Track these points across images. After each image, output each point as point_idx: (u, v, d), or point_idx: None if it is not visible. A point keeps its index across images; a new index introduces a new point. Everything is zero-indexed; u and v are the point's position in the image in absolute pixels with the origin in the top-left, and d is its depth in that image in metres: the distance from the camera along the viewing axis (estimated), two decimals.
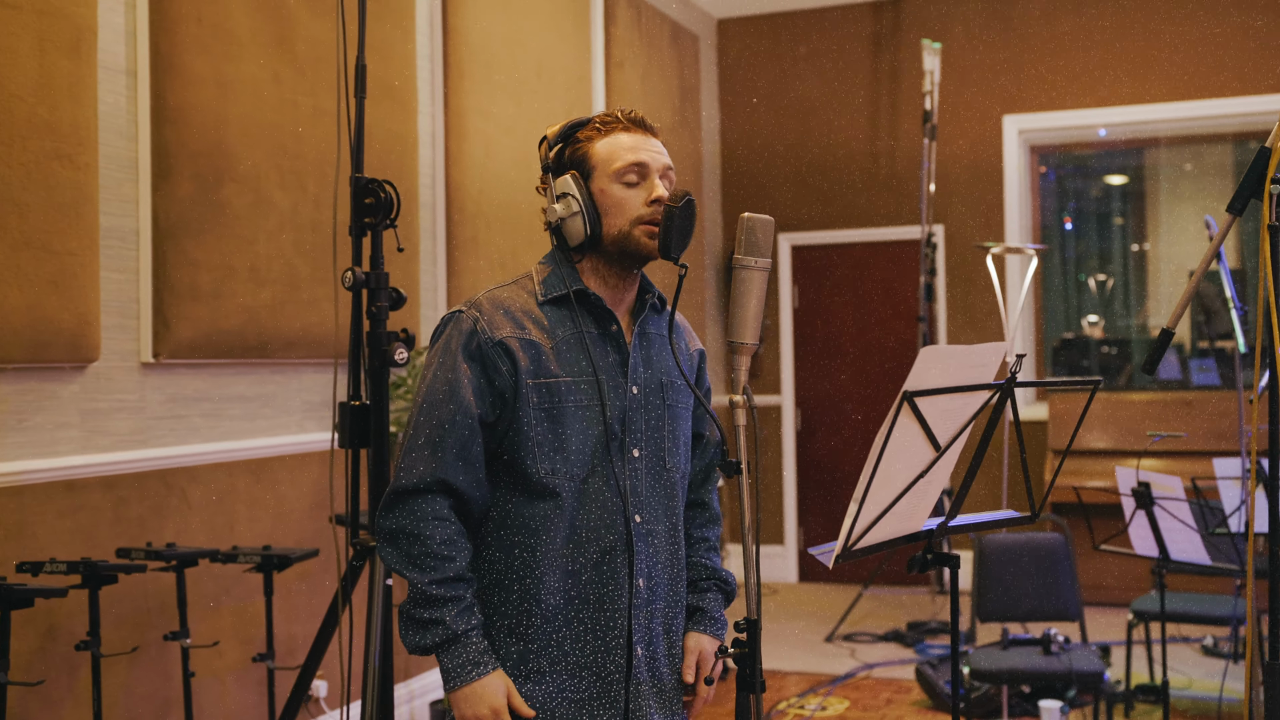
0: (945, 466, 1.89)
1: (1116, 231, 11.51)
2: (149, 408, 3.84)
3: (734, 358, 1.98)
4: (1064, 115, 7.76)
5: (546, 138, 2.22)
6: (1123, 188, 11.35)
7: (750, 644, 1.97)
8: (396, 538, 2.08)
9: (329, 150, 4.45)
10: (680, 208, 2.05)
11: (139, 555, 3.44)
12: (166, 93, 3.82)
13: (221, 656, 4.01)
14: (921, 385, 1.72)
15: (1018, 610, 4.59)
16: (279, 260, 4.22)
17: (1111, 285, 11.23)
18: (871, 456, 1.73)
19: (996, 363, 1.84)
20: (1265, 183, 2.03)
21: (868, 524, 1.77)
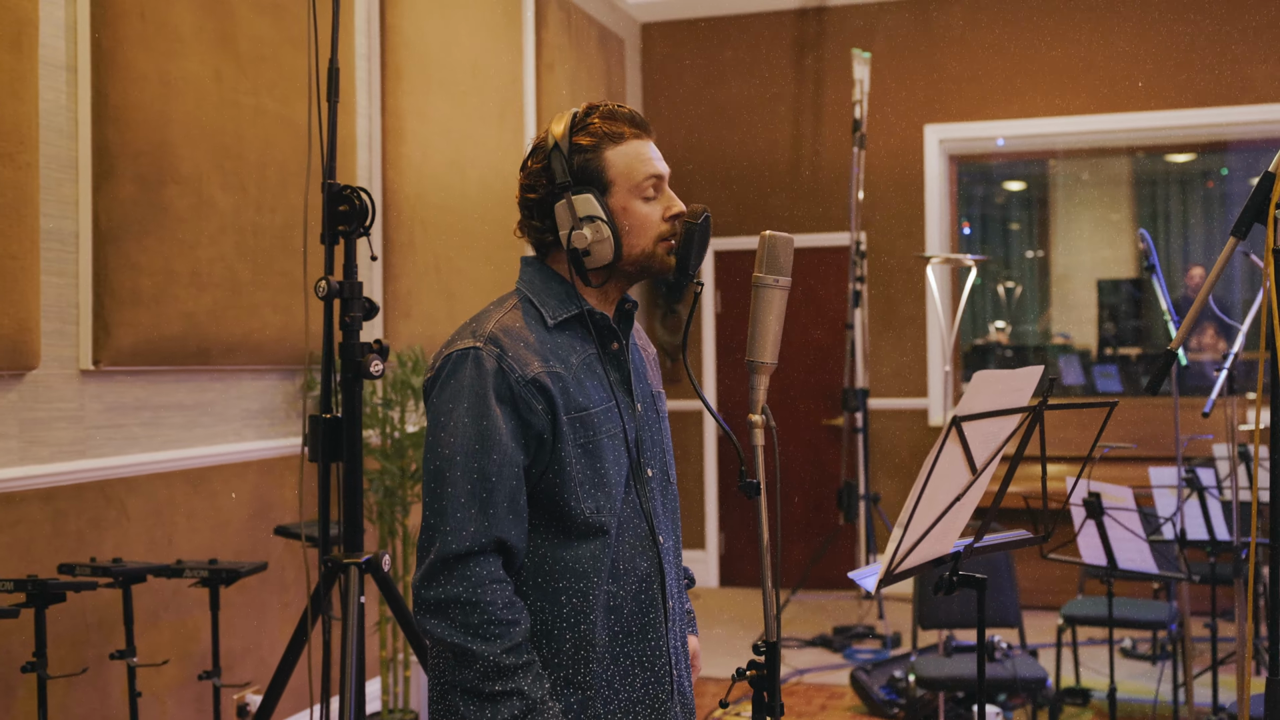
0: (980, 489, 1.89)
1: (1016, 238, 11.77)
2: (88, 417, 3.70)
3: (753, 377, 1.96)
4: (981, 126, 7.89)
5: (558, 146, 2.01)
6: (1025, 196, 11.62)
7: (769, 667, 1.95)
8: (448, 609, 1.86)
9: (270, 151, 4.35)
10: (700, 224, 2.01)
11: (84, 571, 3.30)
12: (108, 90, 3.68)
13: (164, 675, 3.88)
14: (970, 410, 1.72)
15: (958, 617, 4.65)
16: (220, 264, 4.10)
17: (1019, 292, 11.48)
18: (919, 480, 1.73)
19: (1032, 386, 1.85)
20: (1270, 208, 2.06)
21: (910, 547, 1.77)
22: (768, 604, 1.99)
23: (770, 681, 1.97)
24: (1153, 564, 3.80)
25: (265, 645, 4.41)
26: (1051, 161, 10.51)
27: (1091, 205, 11.62)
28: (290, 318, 4.43)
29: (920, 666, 4.41)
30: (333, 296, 2.74)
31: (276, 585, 4.48)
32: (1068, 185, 11.40)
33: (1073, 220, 11.64)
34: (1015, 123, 7.85)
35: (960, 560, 1.95)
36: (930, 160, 7.93)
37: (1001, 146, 8.19)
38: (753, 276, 1.97)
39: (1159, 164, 11.09)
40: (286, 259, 4.41)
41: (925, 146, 7.93)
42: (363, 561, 2.74)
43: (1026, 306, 11.69)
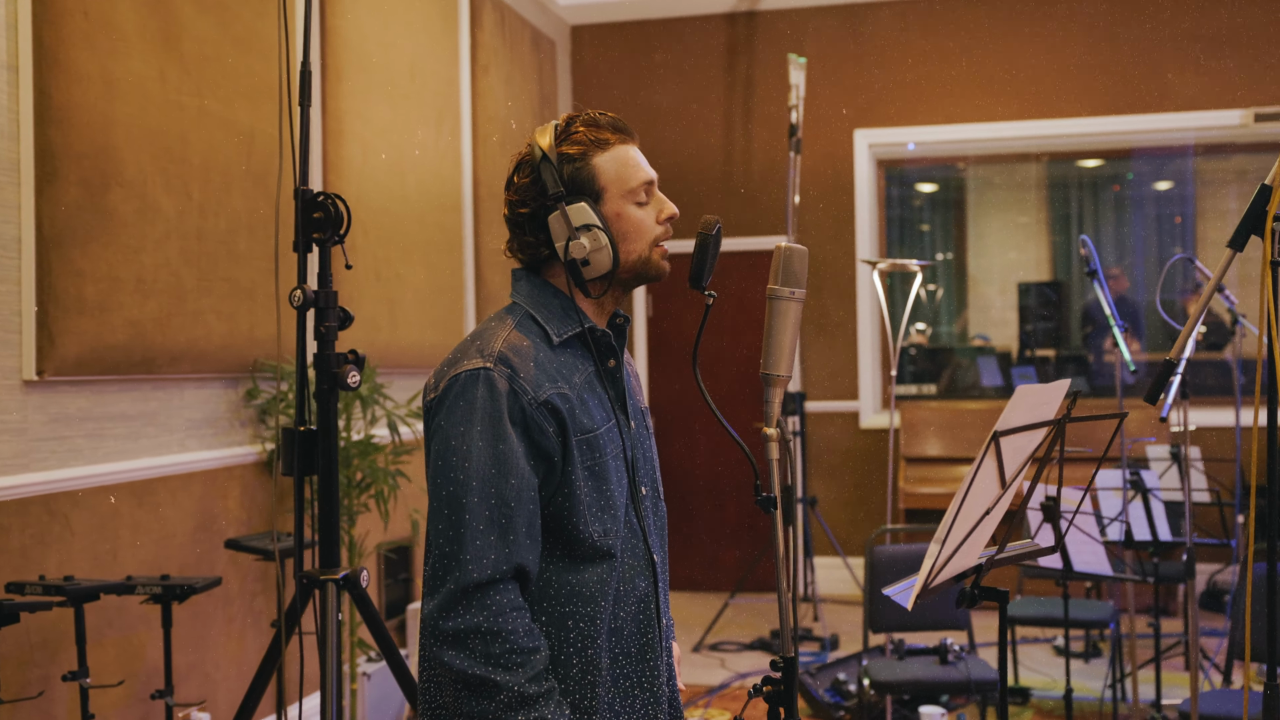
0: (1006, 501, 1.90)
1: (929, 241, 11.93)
2: (31, 429, 3.56)
3: (767, 390, 1.94)
4: (909, 131, 7.98)
5: (546, 157, 1.96)
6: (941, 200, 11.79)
7: (786, 682, 1.94)
8: (468, 639, 1.79)
9: (213, 155, 4.23)
10: (714, 235, 1.99)
11: (34, 590, 3.18)
12: (51, 90, 3.55)
13: (106, 694, 3.75)
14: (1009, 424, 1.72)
15: (909, 620, 4.68)
16: (165, 270, 3.98)
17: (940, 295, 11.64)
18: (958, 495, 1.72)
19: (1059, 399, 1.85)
20: (1267, 220, 2.10)
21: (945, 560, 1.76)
22: (784, 616, 1.97)
23: (788, 697, 1.96)
24: (1107, 566, 3.86)
25: (209, 661, 4.29)
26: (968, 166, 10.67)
27: (1004, 209, 11.83)
28: (234, 325, 4.32)
29: (874, 670, 4.44)
30: (308, 306, 2.67)
31: (221, 600, 4.36)
32: (981, 189, 11.60)
33: (986, 224, 11.85)
34: (938, 128, 7.95)
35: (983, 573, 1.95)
36: (860, 165, 8.00)
37: (912, 151, 8.29)
38: (767, 289, 1.95)
39: (1070, 169, 11.33)
40: (230, 265, 4.30)
41: (855, 151, 8.00)
42: (340, 577, 2.67)
43: (942, 309, 11.86)
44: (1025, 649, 6.36)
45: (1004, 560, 1.99)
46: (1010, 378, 9.74)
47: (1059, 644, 6.51)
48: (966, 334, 11.74)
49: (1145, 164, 10.69)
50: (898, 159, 8.61)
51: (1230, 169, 9.83)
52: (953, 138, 8.01)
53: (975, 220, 11.72)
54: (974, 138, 8.03)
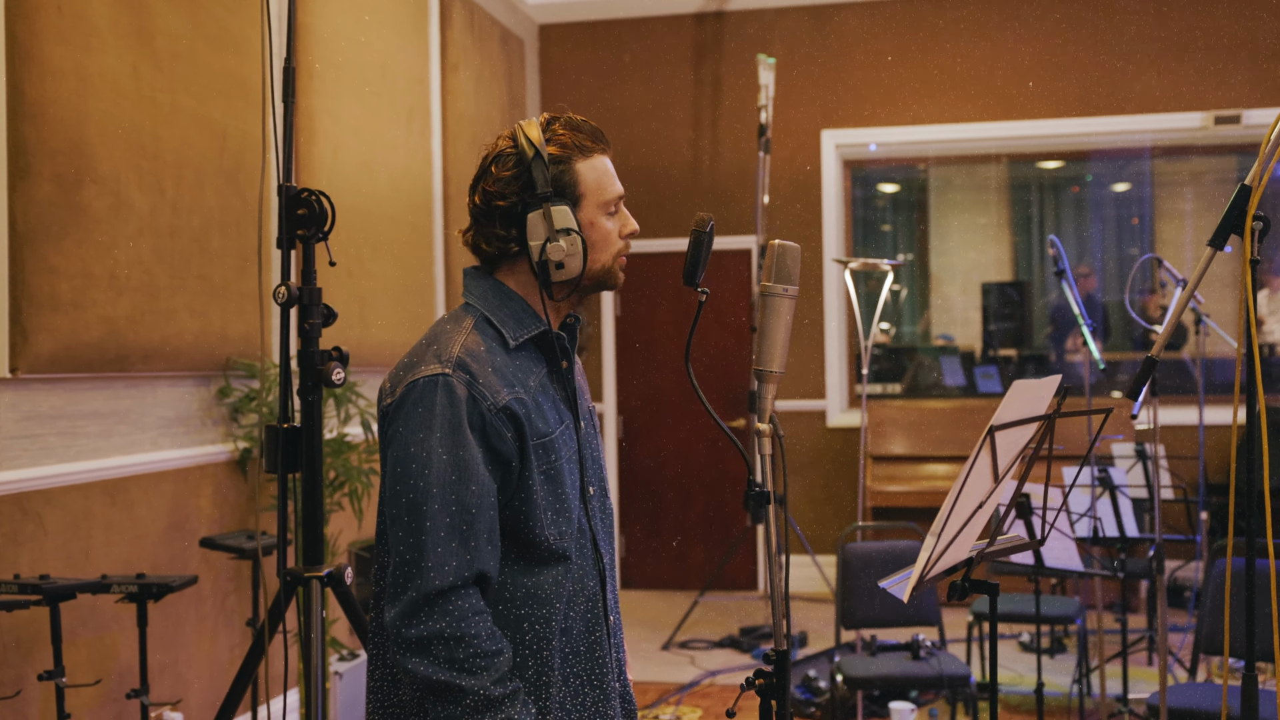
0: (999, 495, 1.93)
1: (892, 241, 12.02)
2: (4, 426, 3.53)
3: (761, 386, 1.96)
4: (873, 132, 8.04)
5: (540, 155, 1.95)
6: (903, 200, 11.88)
7: (779, 675, 1.96)
8: (431, 645, 1.79)
9: (187, 151, 4.21)
10: (707, 233, 2.01)
11: (10, 589, 3.16)
12: (24, 85, 3.53)
13: (79, 693, 3.72)
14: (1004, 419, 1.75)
15: (880, 616, 4.72)
16: (138, 267, 3.95)
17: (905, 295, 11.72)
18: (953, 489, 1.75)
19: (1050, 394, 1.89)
20: (1246, 219, 2.14)
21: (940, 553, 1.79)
22: (777, 611, 1.99)
23: (780, 690, 1.98)
24: (1079, 562, 3.91)
25: (182, 660, 4.27)
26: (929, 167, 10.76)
27: (965, 209, 11.94)
28: (207, 323, 4.29)
29: (847, 666, 4.47)
30: (291, 303, 2.66)
31: (194, 598, 4.33)
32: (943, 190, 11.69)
33: (948, 224, 11.95)
34: (902, 129, 8.02)
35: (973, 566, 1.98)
36: (827, 165, 8.04)
37: (874, 151, 8.35)
38: (761, 285, 1.98)
39: (1030, 170, 11.44)
40: (204, 262, 4.28)
41: (822, 151, 8.05)
42: (324, 575, 2.67)
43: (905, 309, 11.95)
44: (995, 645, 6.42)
45: (994, 553, 2.02)
46: (974, 377, 9.83)
47: (1024, 640, 6.59)
48: (929, 333, 11.83)
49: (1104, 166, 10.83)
50: (864, 159, 8.66)
51: (1187, 170, 9.96)
52: (916, 139, 8.08)
53: (937, 220, 11.82)
54: (936, 138, 8.10)
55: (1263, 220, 2.17)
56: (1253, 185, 2.17)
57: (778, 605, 1.96)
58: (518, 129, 2.00)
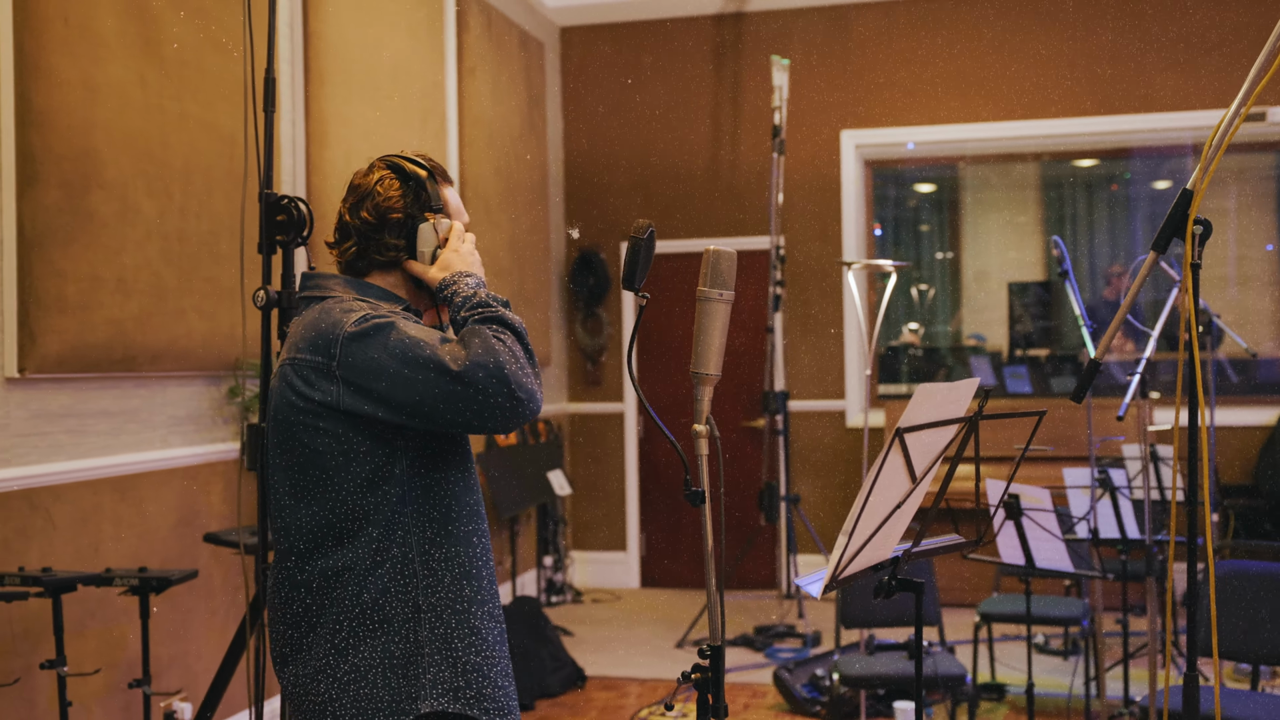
0: (919, 496, 1.98)
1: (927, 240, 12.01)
2: (13, 425, 3.65)
3: (697, 388, 2.02)
4: (896, 131, 8.06)
5: (433, 174, 2.23)
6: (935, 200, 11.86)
7: (714, 669, 2.02)
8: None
9: (195, 157, 4.32)
10: (645, 239, 2.07)
11: (13, 581, 3.27)
12: (32, 95, 3.64)
13: (90, 683, 3.85)
14: (913, 421, 1.80)
15: (880, 616, 4.76)
16: (146, 270, 4.07)
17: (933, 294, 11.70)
18: (863, 489, 1.80)
19: (969, 397, 1.93)
20: (1188, 223, 2.17)
21: (854, 553, 1.84)
22: (713, 608, 2.05)
23: (715, 684, 2.04)
24: (1069, 563, 3.94)
25: (192, 653, 4.38)
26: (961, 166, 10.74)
27: (1000, 208, 11.88)
28: (216, 324, 4.40)
29: (844, 665, 4.52)
30: (271, 306, 2.75)
31: (203, 592, 4.45)
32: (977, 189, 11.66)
33: (982, 223, 11.90)
34: (928, 129, 8.03)
35: (899, 565, 2.03)
36: (847, 165, 8.07)
37: (912, 150, 8.36)
38: (697, 290, 2.04)
39: (1065, 169, 11.39)
40: (212, 265, 4.39)
41: (842, 152, 8.08)
42: None
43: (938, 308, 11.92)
44: (1004, 646, 6.43)
45: (920, 554, 2.07)
46: (1003, 377, 9.81)
47: (1039, 641, 6.59)
48: (961, 334, 11.80)
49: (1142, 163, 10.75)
50: (886, 159, 8.68)
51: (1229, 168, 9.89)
52: (942, 138, 8.08)
53: (972, 220, 11.78)
54: (964, 138, 8.10)
55: (1203, 224, 2.20)
56: (1194, 189, 2.20)
57: (713, 602, 2.03)
58: (397, 159, 2.24)
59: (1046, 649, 6.51)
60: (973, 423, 1.90)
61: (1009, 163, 10.56)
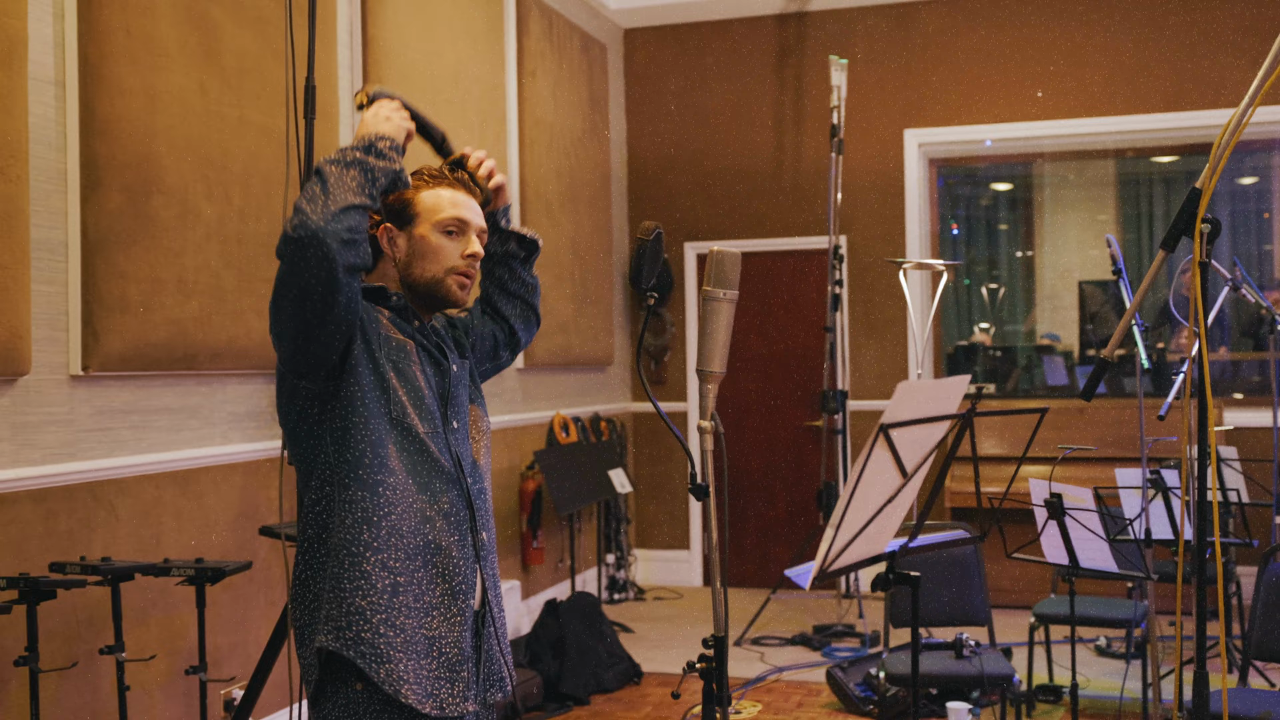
0: (911, 491, 2.01)
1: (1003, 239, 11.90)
2: (78, 420, 3.81)
3: (701, 385, 2.08)
4: (962, 130, 8.01)
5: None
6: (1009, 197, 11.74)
7: (718, 659, 2.07)
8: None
9: (254, 161, 4.46)
10: (651, 241, 2.14)
11: (74, 569, 3.42)
12: (95, 104, 3.79)
13: (151, 669, 3.99)
14: (896, 418, 1.83)
15: (929, 615, 4.77)
16: (205, 272, 4.21)
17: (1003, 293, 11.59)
18: (849, 483, 1.84)
19: (960, 394, 1.96)
20: (1196, 221, 2.18)
21: (843, 546, 1.88)
22: (717, 601, 2.11)
23: (719, 673, 2.10)
24: (1113, 563, 3.92)
25: (251, 642, 4.52)
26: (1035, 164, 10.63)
27: (1077, 206, 11.73)
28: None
29: (890, 663, 4.53)
30: None
31: (262, 583, 4.59)
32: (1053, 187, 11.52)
33: (1059, 221, 11.76)
34: (996, 126, 7.97)
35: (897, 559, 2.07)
36: (910, 164, 8.05)
37: (989, 148, 8.30)
38: (701, 290, 2.09)
39: (1143, 165, 11.21)
40: (271, 267, 4.49)
41: (905, 150, 8.06)
42: None
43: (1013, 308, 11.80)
44: (1064, 648, 6.38)
45: (918, 548, 2.10)
46: (1075, 377, 9.70)
47: (1101, 643, 6.53)
48: (1035, 333, 11.68)
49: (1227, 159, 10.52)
50: (949, 157, 8.63)
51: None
52: (1010, 135, 8.02)
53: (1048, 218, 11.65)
54: (1035, 135, 8.02)
55: (1211, 223, 2.21)
56: (1202, 188, 2.21)
57: (717, 595, 2.08)
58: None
59: (1109, 651, 6.44)
60: (967, 418, 1.92)
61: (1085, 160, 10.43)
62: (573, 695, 5.66)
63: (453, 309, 2.34)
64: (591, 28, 7.89)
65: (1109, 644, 6.49)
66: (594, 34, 7.92)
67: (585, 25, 7.76)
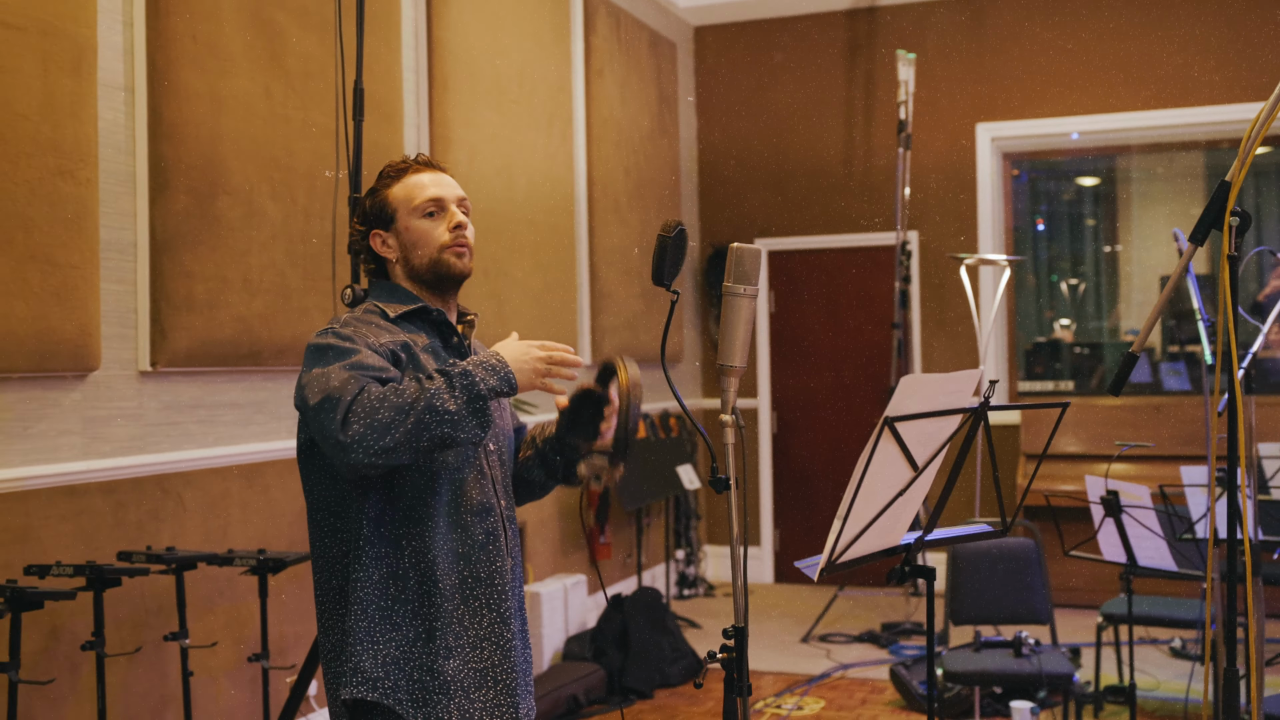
0: (923, 485, 2.02)
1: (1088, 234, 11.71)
2: (147, 415, 3.94)
3: (723, 379, 2.11)
4: (1036, 123, 7.92)
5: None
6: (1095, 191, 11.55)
7: (738, 649, 2.10)
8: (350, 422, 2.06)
9: (319, 162, 4.56)
10: (673, 238, 2.16)
11: (140, 558, 3.54)
12: (163, 108, 3.92)
13: (217, 656, 4.12)
14: (901, 411, 1.85)
15: (990, 613, 4.73)
16: (271, 270, 4.32)
17: (1084, 289, 11.41)
18: (854, 476, 1.86)
19: (971, 388, 1.97)
20: (1225, 215, 2.16)
21: (850, 539, 1.90)
22: (737, 594, 2.13)
23: (739, 663, 2.12)
24: (1171, 562, 3.87)
25: (314, 631, 4.63)
26: (1121, 156, 10.45)
27: (1165, 200, 11.51)
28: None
29: (948, 661, 4.51)
30: (357, 303, 2.92)
31: None
32: (1140, 180, 11.31)
33: (1146, 215, 11.55)
34: (1074, 119, 7.86)
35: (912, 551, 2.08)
36: (982, 159, 7.97)
37: (1074, 141, 8.18)
38: (723, 286, 2.12)
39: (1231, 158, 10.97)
40: (337, 264, 4.62)
41: (977, 145, 7.98)
42: None
43: (1098, 304, 11.61)
44: (1138, 649, 6.29)
45: (934, 542, 2.11)
46: (1159, 375, 9.52)
47: (1176, 645, 6.42)
48: (1118, 330, 11.48)
49: None
50: (1023, 151, 8.52)
51: None
52: (1095, 128, 7.89)
53: (1134, 212, 11.45)
54: (1115, 127, 7.90)
55: (1240, 216, 2.19)
56: (1231, 181, 2.19)
57: (737, 589, 2.11)
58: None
59: (1184, 653, 6.33)
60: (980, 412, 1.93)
61: (1170, 152, 10.24)
62: (636, 689, 5.71)
63: (463, 277, 2.35)
64: (661, 26, 7.93)
65: (1184, 645, 6.38)
66: (663, 32, 7.96)
67: (654, 24, 7.80)
